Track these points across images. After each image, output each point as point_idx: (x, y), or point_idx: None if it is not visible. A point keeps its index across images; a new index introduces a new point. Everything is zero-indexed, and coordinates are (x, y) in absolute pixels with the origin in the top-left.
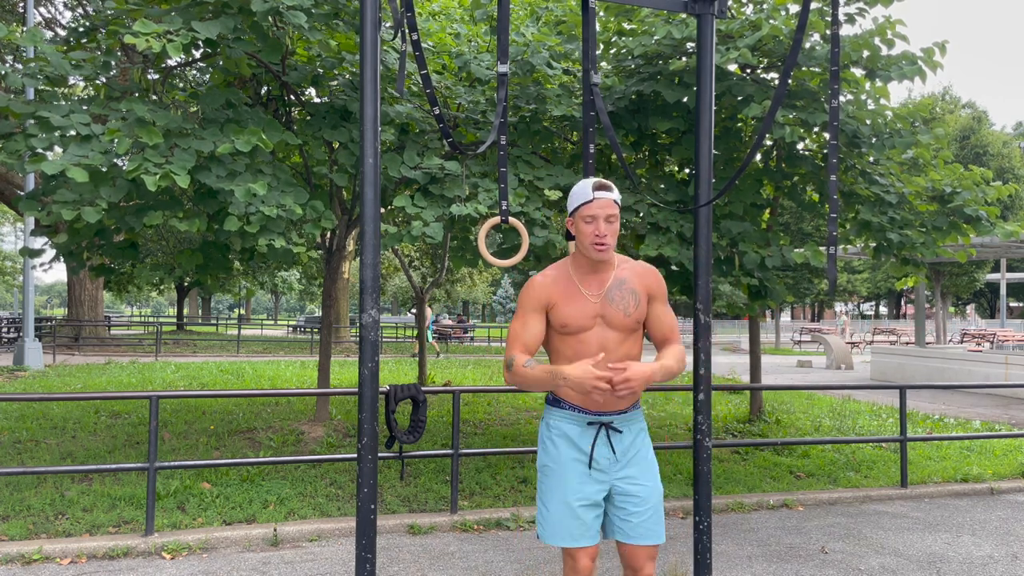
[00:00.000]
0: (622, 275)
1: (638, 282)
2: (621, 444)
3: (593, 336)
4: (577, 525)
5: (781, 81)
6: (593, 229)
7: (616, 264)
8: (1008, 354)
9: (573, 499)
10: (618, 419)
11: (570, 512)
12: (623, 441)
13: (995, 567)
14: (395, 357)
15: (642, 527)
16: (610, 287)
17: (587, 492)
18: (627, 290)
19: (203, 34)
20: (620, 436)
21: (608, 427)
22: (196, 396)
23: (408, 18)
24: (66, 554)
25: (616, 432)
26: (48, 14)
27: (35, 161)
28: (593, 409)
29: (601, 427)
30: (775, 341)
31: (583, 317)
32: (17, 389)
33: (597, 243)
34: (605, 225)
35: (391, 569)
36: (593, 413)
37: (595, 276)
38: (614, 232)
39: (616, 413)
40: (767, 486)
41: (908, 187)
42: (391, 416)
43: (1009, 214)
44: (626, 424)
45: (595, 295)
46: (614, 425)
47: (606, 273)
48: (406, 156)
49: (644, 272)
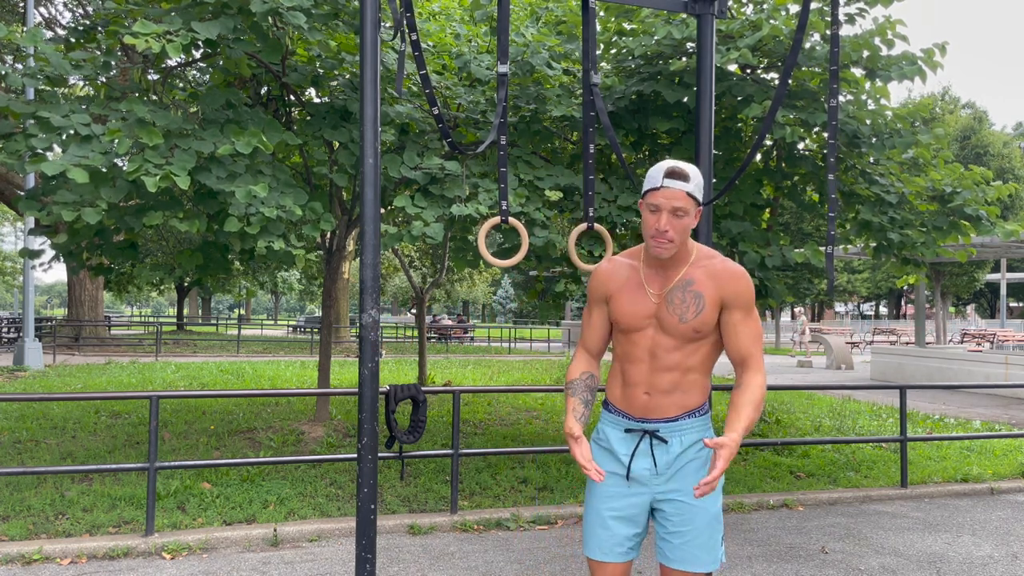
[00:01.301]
0: (693, 274)
1: (710, 285)
2: (666, 455)
3: (643, 338)
4: (607, 538)
5: (781, 81)
6: (655, 222)
7: (692, 260)
8: (1008, 354)
9: (604, 509)
10: (665, 427)
11: (600, 523)
12: (669, 452)
13: (995, 567)
14: (395, 357)
15: (681, 550)
16: (674, 287)
17: (621, 504)
18: (691, 293)
19: (203, 34)
20: (665, 447)
21: (652, 435)
22: (196, 396)
23: (408, 18)
24: (66, 554)
25: (660, 442)
26: (48, 14)
27: (35, 161)
28: (636, 415)
29: (644, 435)
30: (775, 341)
31: (636, 316)
32: (17, 389)
33: (657, 238)
34: (669, 218)
35: (391, 569)
36: (635, 419)
37: (662, 271)
38: (681, 229)
39: (663, 420)
40: (767, 486)
41: (908, 187)
42: (391, 416)
43: (1009, 214)
44: (675, 433)
45: (656, 293)
46: (659, 434)
47: (675, 269)
48: (406, 156)
49: (722, 274)
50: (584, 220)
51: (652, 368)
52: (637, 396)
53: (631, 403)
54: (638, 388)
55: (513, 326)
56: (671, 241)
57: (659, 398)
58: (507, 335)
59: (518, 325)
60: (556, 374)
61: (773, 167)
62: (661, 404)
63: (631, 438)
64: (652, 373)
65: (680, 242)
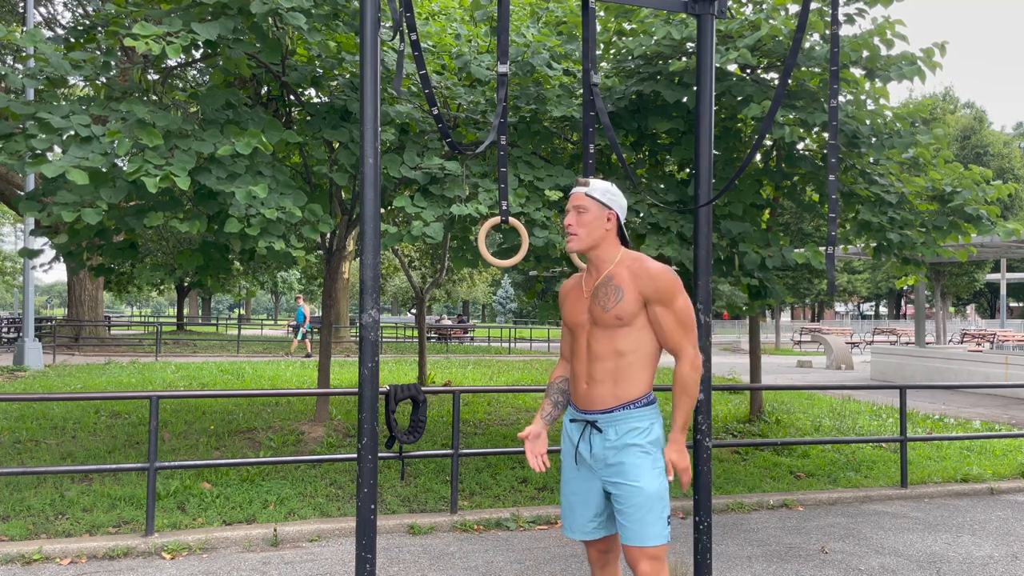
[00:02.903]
0: (615, 272)
1: (630, 281)
2: (602, 444)
3: (582, 333)
4: (573, 518)
5: (781, 81)
6: (566, 220)
7: (618, 261)
8: (1008, 354)
9: (567, 493)
10: (602, 418)
11: (567, 505)
12: (606, 441)
13: (995, 567)
14: (395, 357)
15: (627, 527)
16: (599, 283)
17: (577, 487)
18: (612, 287)
19: (203, 35)
20: (602, 435)
21: (592, 425)
22: (196, 396)
23: (407, 18)
24: (66, 554)
25: (597, 431)
26: (48, 14)
27: (35, 162)
28: (580, 407)
29: (586, 425)
30: (775, 341)
31: (575, 313)
32: (17, 389)
33: (566, 233)
34: (572, 215)
35: (391, 569)
36: (579, 411)
37: (595, 272)
38: (584, 223)
39: (600, 412)
40: (767, 486)
41: (908, 187)
42: (391, 416)
43: (1009, 214)
44: (611, 424)
45: (587, 290)
46: (597, 424)
47: (601, 270)
48: (406, 156)
49: (640, 272)
50: None
51: (589, 358)
52: (579, 387)
53: (576, 395)
54: (580, 380)
55: (513, 326)
56: (575, 234)
57: (596, 388)
58: (507, 335)
59: (518, 325)
60: None
61: (773, 167)
62: (598, 394)
63: (578, 427)
64: (589, 363)
65: (584, 236)
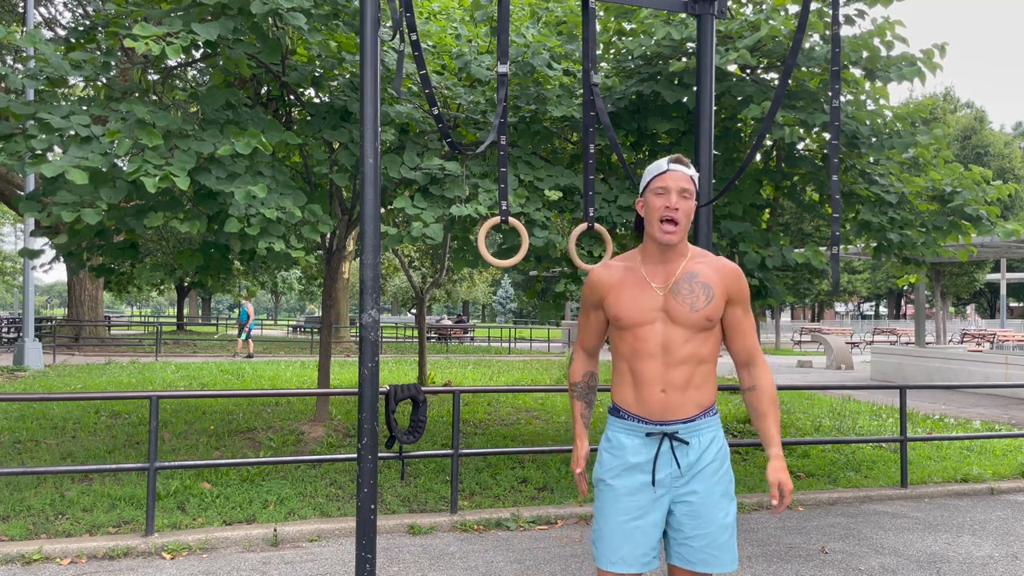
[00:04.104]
0: (695, 268)
1: (716, 278)
2: (687, 457)
3: (653, 332)
4: (630, 550)
5: (781, 82)
6: (664, 201)
7: (690, 255)
8: (1008, 354)
9: (621, 519)
10: (684, 428)
11: (622, 536)
12: (690, 453)
13: (995, 567)
14: (395, 357)
15: (702, 552)
16: (678, 279)
17: (640, 512)
18: (698, 283)
19: (203, 36)
20: (686, 448)
21: (672, 438)
22: (196, 396)
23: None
24: (66, 554)
25: (681, 443)
26: (48, 14)
27: (35, 163)
28: (654, 418)
29: (664, 438)
30: (775, 341)
31: (642, 310)
32: (17, 389)
33: (666, 217)
34: (678, 198)
35: (391, 569)
36: (654, 423)
37: (663, 266)
38: (687, 211)
39: (681, 421)
40: (767, 486)
41: (908, 187)
42: (391, 416)
43: (1009, 214)
44: (694, 433)
45: (661, 286)
46: (679, 435)
47: (675, 263)
48: (406, 157)
49: (724, 269)
50: (584, 220)
51: (666, 363)
52: (653, 395)
53: (647, 404)
54: (654, 386)
55: (513, 326)
56: (678, 223)
57: (675, 395)
58: (507, 335)
59: (518, 325)
60: (556, 374)
61: (773, 167)
62: (678, 402)
63: (650, 443)
64: (667, 368)
65: (685, 225)
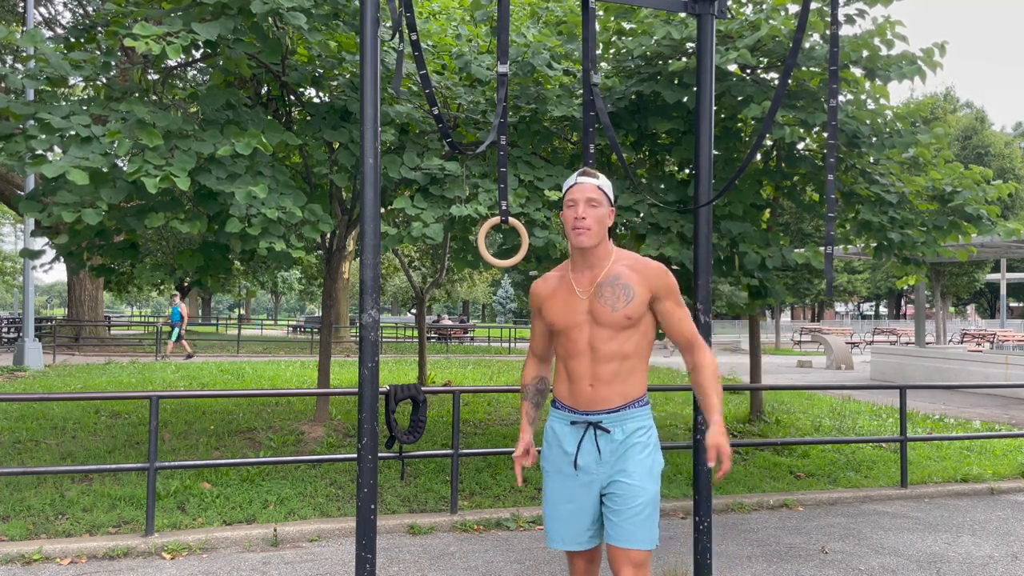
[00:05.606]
0: (618, 270)
1: (636, 278)
2: (610, 444)
3: (581, 333)
4: (564, 528)
5: (781, 81)
6: (573, 213)
7: (614, 259)
8: (1008, 354)
9: (558, 501)
10: (608, 418)
11: (557, 517)
12: (612, 440)
13: (995, 567)
14: (395, 357)
15: (621, 528)
16: (602, 282)
17: (573, 494)
18: (620, 285)
19: (203, 35)
20: (609, 436)
21: (596, 427)
22: (196, 396)
23: (407, 18)
24: (66, 554)
25: (604, 432)
26: (48, 14)
27: (35, 163)
28: (581, 408)
29: (588, 427)
30: (775, 341)
31: (569, 314)
32: (17, 389)
33: (576, 227)
34: (585, 207)
35: (391, 569)
36: (579, 412)
37: (588, 271)
38: (597, 218)
39: (606, 411)
40: (767, 486)
41: (908, 187)
42: (391, 416)
43: (1010, 214)
44: (618, 423)
45: (585, 291)
46: (602, 424)
47: (599, 268)
48: (406, 157)
49: (646, 269)
50: None
51: (593, 359)
52: (582, 389)
53: (576, 397)
54: (583, 381)
55: (513, 326)
56: (589, 228)
57: (602, 388)
58: (507, 335)
59: (518, 325)
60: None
61: (773, 167)
62: (604, 395)
63: (576, 430)
64: (594, 364)
65: (597, 232)
